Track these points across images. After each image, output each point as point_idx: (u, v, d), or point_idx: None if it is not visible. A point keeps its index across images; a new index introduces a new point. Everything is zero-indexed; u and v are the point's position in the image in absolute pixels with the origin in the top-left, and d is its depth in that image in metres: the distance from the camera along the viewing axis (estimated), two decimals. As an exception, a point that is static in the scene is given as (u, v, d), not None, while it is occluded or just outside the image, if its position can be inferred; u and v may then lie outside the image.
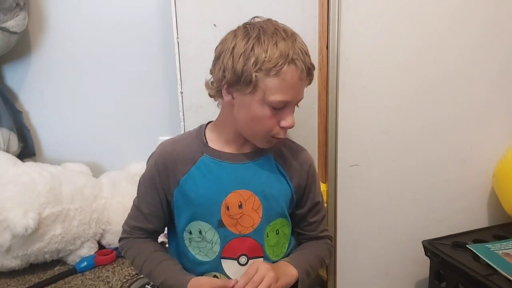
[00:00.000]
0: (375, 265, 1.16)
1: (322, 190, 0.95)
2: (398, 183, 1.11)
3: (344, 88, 1.04)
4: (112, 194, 1.14)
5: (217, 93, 0.81)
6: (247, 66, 0.71)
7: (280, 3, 1.01)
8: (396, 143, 1.09)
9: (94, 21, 1.25)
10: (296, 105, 0.80)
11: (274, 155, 0.86)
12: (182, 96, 1.08)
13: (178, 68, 1.06)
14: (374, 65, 1.04)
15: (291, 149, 0.89)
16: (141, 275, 0.85)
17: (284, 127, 0.77)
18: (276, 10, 0.99)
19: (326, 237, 0.93)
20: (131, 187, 1.15)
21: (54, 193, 1.03)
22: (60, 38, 1.28)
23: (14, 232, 0.94)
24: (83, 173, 1.19)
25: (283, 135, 0.79)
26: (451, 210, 1.13)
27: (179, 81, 1.07)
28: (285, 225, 0.87)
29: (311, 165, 0.90)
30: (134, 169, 1.25)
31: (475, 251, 0.94)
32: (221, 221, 0.80)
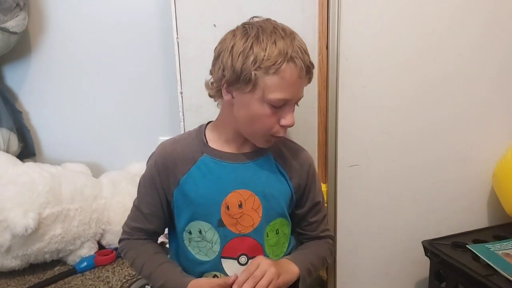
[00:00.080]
0: (375, 265, 1.16)
1: (322, 190, 0.95)
2: (398, 183, 1.11)
3: (344, 88, 1.04)
4: (112, 194, 1.15)
5: (217, 93, 0.82)
6: (246, 65, 0.72)
7: (280, 3, 1.01)
8: (396, 143, 1.09)
9: (94, 21, 1.25)
10: (296, 104, 0.80)
11: (274, 155, 0.86)
12: (182, 96, 1.08)
13: (178, 69, 1.06)
14: (374, 65, 1.04)
15: (291, 149, 0.89)
16: (140, 276, 0.85)
17: (284, 126, 0.77)
18: (276, 10, 0.99)
19: (328, 237, 0.93)
20: (131, 187, 1.15)
21: (54, 193, 1.03)
22: (60, 38, 1.28)
23: (14, 232, 0.94)
24: (83, 173, 1.19)
25: (283, 134, 0.79)
26: (451, 210, 1.12)
27: (179, 81, 1.07)
28: (285, 225, 0.87)
29: (311, 165, 0.90)
30: (134, 169, 1.25)
31: (475, 251, 0.94)
32: (221, 220, 0.80)
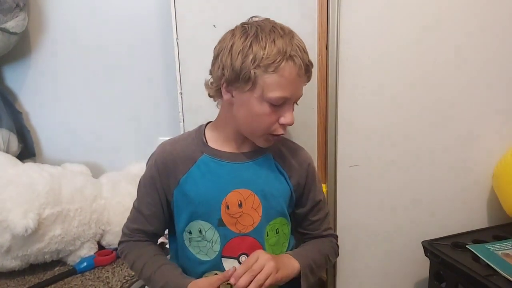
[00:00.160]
0: (375, 265, 1.16)
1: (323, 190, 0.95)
2: (397, 183, 1.11)
3: (343, 89, 1.04)
4: (112, 195, 1.14)
5: (216, 92, 0.82)
6: (245, 63, 0.72)
7: (280, 4, 1.01)
8: (395, 144, 1.09)
9: (94, 22, 1.25)
10: (295, 103, 0.80)
11: (273, 154, 0.86)
12: (181, 97, 1.08)
13: (177, 69, 1.06)
14: (374, 66, 1.04)
15: (290, 148, 0.90)
16: (140, 279, 0.85)
17: (283, 124, 0.78)
18: (275, 11, 0.99)
19: (331, 235, 0.93)
20: (131, 187, 1.15)
21: (54, 194, 1.03)
22: (60, 38, 1.28)
23: (14, 233, 0.94)
24: (83, 173, 1.19)
25: (282, 132, 0.79)
26: (451, 210, 1.12)
27: (179, 81, 1.07)
28: (284, 225, 0.87)
29: (310, 164, 0.90)
30: (134, 169, 1.25)
31: (475, 252, 0.94)
32: (221, 220, 0.81)
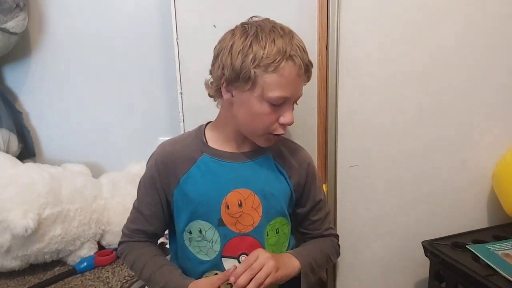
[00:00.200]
0: (375, 265, 1.16)
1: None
2: (397, 183, 1.11)
3: (343, 89, 1.04)
4: (112, 195, 1.14)
5: (216, 92, 0.82)
6: (245, 63, 0.72)
7: (280, 4, 1.01)
8: (396, 144, 1.09)
9: (94, 22, 1.25)
10: (295, 102, 0.80)
11: (273, 154, 0.87)
12: (181, 97, 1.08)
13: (177, 69, 1.07)
14: (374, 66, 1.04)
15: (289, 148, 0.90)
16: (139, 279, 0.85)
17: (283, 124, 0.78)
18: (275, 11, 0.98)
19: (332, 235, 0.93)
20: (131, 187, 1.15)
21: (54, 194, 1.03)
22: (60, 39, 1.28)
23: (14, 233, 0.94)
24: (83, 173, 1.19)
25: (282, 132, 0.80)
26: (451, 210, 1.12)
27: (179, 81, 1.07)
28: (285, 224, 0.87)
29: (310, 163, 0.90)
30: (134, 169, 1.25)
31: (475, 252, 0.94)
32: (221, 219, 0.81)
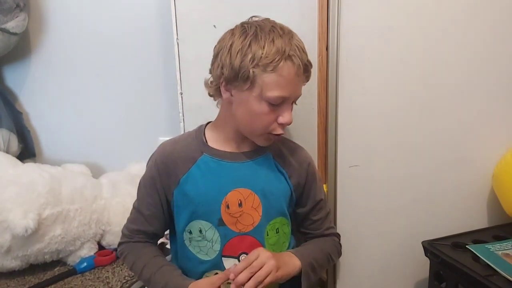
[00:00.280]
0: (375, 265, 1.16)
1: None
2: (398, 183, 1.11)
3: (343, 89, 1.05)
4: (112, 195, 1.14)
5: (216, 91, 0.82)
6: (244, 63, 0.72)
7: (280, 4, 1.01)
8: (395, 144, 1.09)
9: (94, 22, 1.25)
10: (294, 102, 0.80)
11: (273, 154, 0.87)
12: (182, 97, 1.08)
13: (178, 69, 1.07)
14: (374, 66, 1.04)
15: (289, 148, 0.90)
16: (139, 280, 0.85)
17: (282, 123, 0.78)
18: (275, 11, 0.98)
19: (333, 234, 0.93)
20: (131, 187, 1.15)
21: (54, 194, 1.03)
22: (60, 39, 1.28)
23: (14, 233, 0.94)
24: (83, 174, 1.19)
25: (281, 131, 0.80)
26: (451, 210, 1.12)
27: (179, 82, 1.07)
28: (285, 224, 0.87)
29: (310, 163, 0.90)
30: (134, 170, 1.25)
31: (475, 252, 0.94)
32: (221, 219, 0.81)
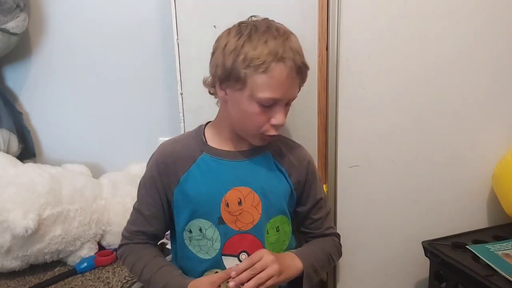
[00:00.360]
0: (375, 265, 1.16)
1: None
2: (397, 184, 1.11)
3: (343, 89, 1.05)
4: (112, 195, 1.14)
5: (215, 90, 0.83)
6: (236, 63, 0.73)
7: (280, 4, 1.01)
8: (395, 144, 1.09)
9: (94, 22, 1.25)
10: (288, 104, 0.80)
11: (272, 152, 0.87)
12: (182, 97, 1.08)
13: (178, 70, 1.07)
14: (374, 66, 1.04)
15: (289, 146, 0.90)
16: (139, 281, 0.85)
17: (274, 125, 0.78)
18: (275, 11, 0.99)
19: (333, 234, 0.93)
20: (131, 188, 1.15)
21: (54, 194, 1.03)
22: (60, 39, 1.29)
23: (14, 233, 0.94)
24: (83, 174, 1.19)
25: (275, 133, 0.79)
26: (451, 210, 1.12)
27: (179, 82, 1.08)
28: (285, 223, 0.87)
29: (310, 161, 0.91)
30: (134, 170, 1.25)
31: (475, 252, 0.94)
32: (221, 218, 0.81)
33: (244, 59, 0.72)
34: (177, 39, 1.05)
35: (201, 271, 0.83)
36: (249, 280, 0.71)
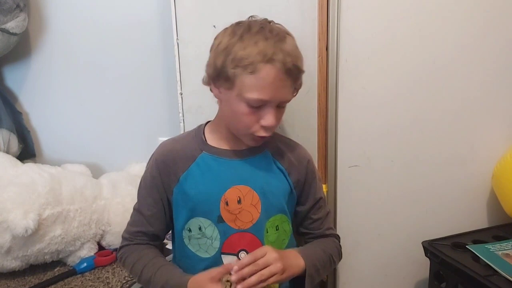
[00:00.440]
0: (375, 265, 1.16)
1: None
2: (397, 184, 1.11)
3: (343, 89, 1.05)
4: (112, 195, 1.14)
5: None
6: (226, 62, 0.73)
7: (280, 5, 1.01)
8: (395, 144, 1.09)
9: (94, 23, 1.26)
10: (281, 106, 0.79)
11: (272, 151, 0.87)
12: (181, 97, 1.08)
13: (178, 70, 1.07)
14: (373, 66, 1.04)
15: (288, 146, 0.90)
16: (139, 282, 0.85)
17: (264, 126, 0.77)
18: (275, 12, 0.99)
19: (333, 235, 0.93)
20: (131, 188, 1.15)
21: (54, 194, 1.03)
22: (60, 39, 1.29)
23: (14, 233, 0.94)
24: (83, 174, 1.19)
25: (265, 134, 0.79)
26: (451, 210, 1.12)
27: (179, 82, 1.08)
28: (285, 222, 0.87)
29: (310, 160, 0.91)
30: (133, 170, 1.25)
31: (475, 252, 0.94)
32: (220, 216, 0.81)
33: (233, 58, 0.72)
34: (177, 39, 1.05)
35: (200, 269, 0.82)
36: (251, 276, 0.70)
